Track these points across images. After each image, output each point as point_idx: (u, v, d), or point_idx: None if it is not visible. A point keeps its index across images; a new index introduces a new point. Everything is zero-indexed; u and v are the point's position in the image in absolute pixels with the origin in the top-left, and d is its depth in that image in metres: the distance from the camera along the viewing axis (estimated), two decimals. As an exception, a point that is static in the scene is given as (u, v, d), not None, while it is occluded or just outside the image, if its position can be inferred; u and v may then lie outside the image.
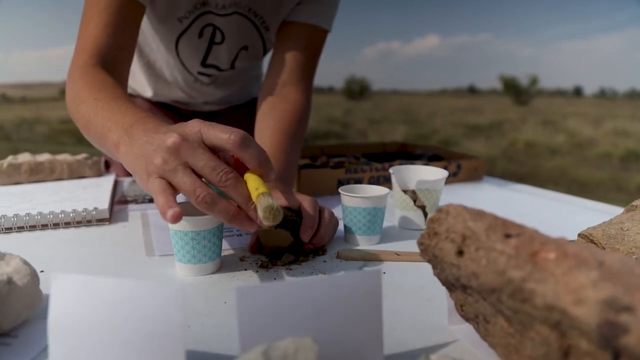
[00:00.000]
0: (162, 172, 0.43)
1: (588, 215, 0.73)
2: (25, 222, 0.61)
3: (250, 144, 0.44)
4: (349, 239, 0.60)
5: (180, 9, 0.80)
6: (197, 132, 0.44)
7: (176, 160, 0.43)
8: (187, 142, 0.43)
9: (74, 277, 0.30)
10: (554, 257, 0.26)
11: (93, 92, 0.59)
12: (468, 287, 0.33)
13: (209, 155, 0.43)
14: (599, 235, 0.48)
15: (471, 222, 0.30)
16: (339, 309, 0.31)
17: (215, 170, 0.43)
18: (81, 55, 0.66)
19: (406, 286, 0.48)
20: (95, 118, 0.55)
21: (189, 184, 0.42)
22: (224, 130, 0.43)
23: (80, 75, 0.64)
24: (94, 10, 0.68)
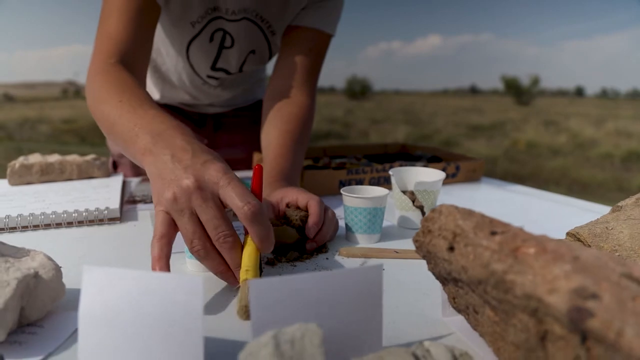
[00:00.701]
0: (170, 208, 0.44)
1: (583, 216, 0.76)
2: (40, 221, 0.64)
3: (259, 222, 0.43)
4: (350, 237, 0.63)
5: (194, 13, 0.83)
6: (215, 183, 0.44)
7: (185, 203, 0.43)
8: (201, 190, 0.43)
9: (103, 270, 0.33)
10: (533, 252, 0.29)
11: (117, 93, 0.59)
12: (459, 280, 0.35)
13: (216, 213, 0.43)
14: (585, 234, 0.50)
15: (461, 220, 0.33)
16: (342, 302, 0.33)
17: (216, 229, 0.43)
18: (101, 51, 0.67)
19: (404, 282, 0.51)
20: (121, 121, 0.55)
21: (190, 232, 0.43)
22: (241, 197, 0.43)
23: (101, 72, 0.64)
24: (113, 6, 0.68)
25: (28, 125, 10.58)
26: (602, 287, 0.26)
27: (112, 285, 0.32)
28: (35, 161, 0.83)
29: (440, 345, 0.32)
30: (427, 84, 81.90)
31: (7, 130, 9.92)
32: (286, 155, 0.75)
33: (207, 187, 0.43)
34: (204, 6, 0.83)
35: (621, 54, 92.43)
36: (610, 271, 0.28)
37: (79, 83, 22.36)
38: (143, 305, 0.32)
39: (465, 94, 27.03)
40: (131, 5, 0.68)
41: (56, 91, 23.11)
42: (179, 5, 0.81)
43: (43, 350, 0.36)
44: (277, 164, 0.72)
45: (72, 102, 17.34)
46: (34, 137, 9.01)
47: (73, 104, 16.18)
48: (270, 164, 0.73)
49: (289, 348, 0.27)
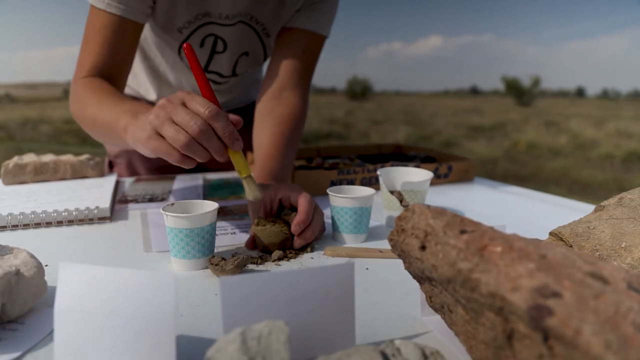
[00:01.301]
0: (154, 126, 0.53)
1: (573, 216, 0.76)
2: (30, 220, 0.64)
3: (220, 119, 0.52)
4: (336, 237, 0.63)
5: (179, 19, 0.84)
6: (181, 97, 0.53)
7: (163, 114, 0.52)
8: (171, 102, 0.53)
9: (79, 267, 0.33)
10: (499, 251, 0.29)
11: (96, 96, 0.68)
12: (432, 279, 0.36)
13: (187, 112, 0.51)
14: (567, 233, 0.51)
15: (432, 219, 0.34)
16: (312, 298, 0.34)
17: (190, 122, 0.51)
18: (81, 70, 0.75)
19: (387, 280, 0.51)
20: (102, 114, 0.64)
21: (172, 133, 0.51)
22: (202, 103, 0.52)
23: (82, 84, 0.73)
24: (92, 30, 0.75)
25: (29, 126, 10.59)
26: (564, 286, 0.26)
27: (87, 282, 0.33)
28: (29, 161, 0.83)
29: (411, 343, 0.32)
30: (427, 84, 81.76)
31: (8, 130, 9.92)
32: (277, 156, 0.75)
33: (175, 100, 0.53)
34: (192, 12, 0.83)
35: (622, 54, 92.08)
36: (575, 270, 0.28)
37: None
38: (116, 302, 0.32)
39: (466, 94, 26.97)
40: (108, 27, 0.74)
41: (57, 91, 23.15)
42: (163, 12, 0.82)
43: (22, 346, 0.37)
44: (267, 165, 0.73)
45: (74, 102, 17.33)
46: (34, 137, 9.02)
47: (74, 104, 16.17)
48: (260, 165, 0.73)
49: (255, 344, 0.28)
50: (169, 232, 0.52)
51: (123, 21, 0.75)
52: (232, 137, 0.53)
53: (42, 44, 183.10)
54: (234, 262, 0.49)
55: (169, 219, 0.51)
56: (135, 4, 0.75)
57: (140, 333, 0.32)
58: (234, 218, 0.71)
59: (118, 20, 0.74)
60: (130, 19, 0.75)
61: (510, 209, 0.81)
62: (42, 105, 15.59)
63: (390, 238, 0.37)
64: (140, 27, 0.79)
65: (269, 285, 0.33)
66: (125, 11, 0.74)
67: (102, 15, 0.74)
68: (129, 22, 0.76)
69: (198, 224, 0.51)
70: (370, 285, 0.50)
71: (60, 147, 7.49)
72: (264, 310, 0.33)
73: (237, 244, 0.61)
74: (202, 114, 0.51)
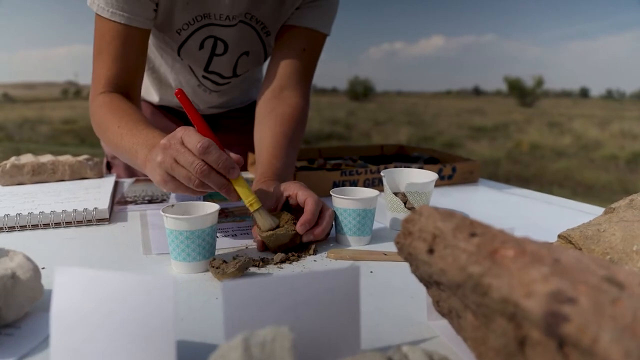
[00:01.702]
0: (165, 169, 0.55)
1: (580, 218, 0.74)
2: (27, 221, 0.63)
3: (210, 152, 0.52)
4: (340, 239, 0.62)
5: (178, 21, 0.83)
6: (179, 137, 0.54)
7: (169, 157, 0.54)
8: (171, 144, 0.54)
9: (75, 270, 0.32)
10: (511, 254, 0.28)
11: (115, 120, 0.71)
12: (440, 284, 0.35)
13: (187, 154, 0.53)
14: (577, 236, 0.50)
15: (440, 222, 0.32)
16: (317, 303, 0.33)
17: (191, 165, 0.52)
18: (98, 85, 0.77)
19: (392, 284, 0.50)
20: (122, 144, 0.68)
21: (183, 174, 0.54)
22: (195, 138, 0.53)
23: (100, 103, 0.75)
24: (103, 42, 0.76)
25: (28, 126, 10.58)
26: (580, 291, 0.25)
27: (83, 286, 0.32)
28: (26, 161, 0.82)
29: (418, 349, 0.31)
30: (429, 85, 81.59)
31: (7, 130, 9.91)
32: (279, 156, 0.74)
33: (175, 141, 0.54)
34: (191, 14, 0.82)
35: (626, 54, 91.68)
36: (590, 274, 0.27)
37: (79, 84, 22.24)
38: (114, 307, 0.31)
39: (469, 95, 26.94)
40: (118, 38, 0.75)
41: (56, 92, 23.18)
42: (162, 14, 0.81)
43: (17, 352, 0.36)
44: (270, 165, 0.72)
45: (72, 102, 17.35)
46: (33, 137, 9.01)
47: (73, 104, 16.18)
48: (263, 165, 0.73)
49: (258, 351, 0.27)
50: (168, 234, 0.51)
51: (130, 29, 0.75)
52: (227, 166, 0.54)
53: (41, 44, 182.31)
54: (235, 265, 0.48)
55: (169, 220, 0.50)
56: (140, 10, 0.75)
57: (138, 338, 0.31)
58: (234, 220, 0.70)
59: (125, 29, 0.75)
60: (136, 26, 0.76)
61: (516, 211, 0.80)
62: (41, 106, 15.57)
63: (397, 241, 0.36)
64: (147, 33, 0.79)
65: (272, 289, 0.32)
66: (130, 19, 0.75)
67: (108, 25, 0.75)
68: (135, 30, 0.76)
69: (198, 226, 0.50)
70: (375, 288, 0.49)
71: (59, 147, 7.48)
72: (267, 315, 0.32)
73: (238, 246, 0.60)
74: (195, 151, 0.52)
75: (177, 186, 0.55)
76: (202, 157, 0.52)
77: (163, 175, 0.55)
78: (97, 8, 0.75)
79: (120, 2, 0.73)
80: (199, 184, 0.54)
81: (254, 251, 0.58)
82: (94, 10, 0.75)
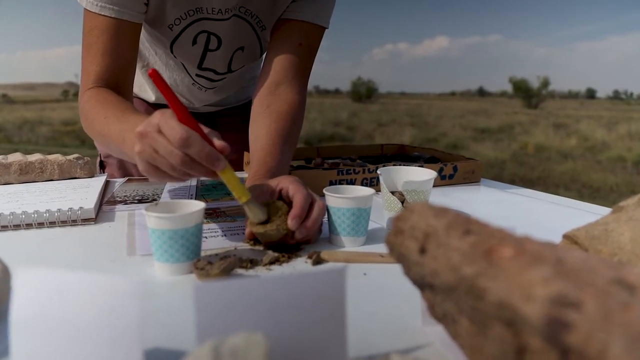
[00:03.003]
0: (145, 158, 0.51)
1: (585, 218, 0.71)
2: (9, 222, 0.61)
3: (191, 144, 0.48)
4: (333, 240, 0.59)
5: (170, 16, 0.81)
6: (155, 124, 0.50)
7: (147, 146, 0.50)
8: (148, 132, 0.50)
9: (36, 272, 0.30)
10: (509, 254, 0.26)
11: (102, 110, 0.68)
12: (433, 286, 0.32)
13: (165, 143, 0.49)
14: (583, 236, 0.47)
15: (433, 219, 0.30)
16: (299, 307, 0.30)
17: (170, 155, 0.49)
18: (87, 80, 0.74)
19: (386, 287, 0.47)
20: (109, 133, 0.65)
21: (165, 164, 0.50)
22: (173, 130, 0.48)
23: (88, 97, 0.72)
24: (92, 37, 0.73)
25: (27, 127, 10.59)
26: (586, 295, 0.22)
27: (45, 288, 0.29)
28: (14, 160, 0.80)
29: (409, 358, 0.29)
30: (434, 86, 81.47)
31: (6, 132, 9.93)
32: (274, 153, 0.72)
33: (151, 129, 0.50)
34: (183, 8, 0.80)
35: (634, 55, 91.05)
36: (598, 276, 0.24)
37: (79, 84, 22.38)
38: (79, 311, 0.29)
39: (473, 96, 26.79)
40: (108, 31, 0.73)
41: (56, 92, 23.28)
42: (154, 8, 0.79)
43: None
44: (263, 163, 0.70)
45: (72, 103, 17.42)
46: (33, 139, 9.02)
47: (73, 105, 16.23)
48: (257, 163, 0.70)
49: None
50: (151, 234, 0.48)
51: (120, 23, 0.73)
52: (210, 159, 0.49)
53: (40, 45, 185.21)
54: (220, 266, 0.46)
55: (151, 219, 0.48)
56: (130, 3, 0.73)
57: (103, 344, 0.29)
58: (225, 220, 0.68)
59: (115, 23, 0.72)
60: (127, 20, 0.73)
61: (519, 211, 0.77)
62: (41, 107, 15.61)
63: (388, 240, 0.34)
64: (138, 27, 0.77)
65: (250, 291, 0.29)
66: (120, 12, 0.72)
67: (98, 19, 0.73)
68: (126, 23, 0.74)
69: (182, 225, 0.47)
70: (368, 292, 0.46)
71: (59, 149, 7.48)
72: (243, 320, 0.29)
73: (227, 247, 0.57)
74: (174, 143, 0.48)
75: (160, 175, 0.52)
76: (183, 150, 0.48)
77: (145, 165, 0.52)
78: (86, 3, 0.73)
79: None
80: (184, 174, 0.51)
81: (244, 252, 0.56)
82: (83, 6, 0.73)
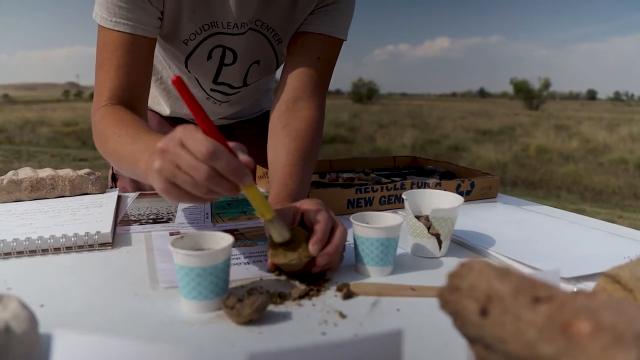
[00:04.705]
0: (166, 176, 0.47)
1: (612, 241, 0.70)
2: (25, 247, 0.59)
3: (219, 157, 0.45)
4: (360, 269, 0.58)
5: (185, 31, 0.79)
6: (179, 138, 0.47)
7: (168, 162, 0.46)
8: (169, 147, 0.46)
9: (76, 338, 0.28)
10: (588, 331, 0.24)
11: (116, 129, 0.65)
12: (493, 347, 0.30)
13: (188, 158, 0.45)
14: (627, 276, 0.45)
15: (496, 281, 0.28)
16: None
17: (195, 169, 0.45)
18: (100, 98, 0.72)
19: (422, 326, 0.45)
20: (123, 153, 0.62)
21: (187, 181, 0.46)
22: (199, 143, 0.45)
23: (101, 116, 0.70)
24: (106, 52, 0.71)
25: (28, 128, 10.55)
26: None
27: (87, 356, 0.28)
28: (25, 176, 0.78)
29: None
30: (434, 87, 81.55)
31: (7, 132, 9.89)
32: (293, 175, 0.70)
33: (173, 143, 0.47)
34: (198, 23, 0.78)
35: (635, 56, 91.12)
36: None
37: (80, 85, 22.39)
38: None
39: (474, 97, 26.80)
40: (122, 47, 0.71)
41: (57, 93, 23.29)
42: (169, 23, 0.77)
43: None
44: (284, 186, 0.68)
45: (74, 104, 17.36)
46: (34, 140, 8.98)
47: (74, 105, 16.18)
48: (278, 185, 0.69)
49: None
50: (178, 270, 0.46)
51: (134, 39, 0.71)
52: (238, 174, 0.46)
53: (42, 45, 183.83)
54: (251, 305, 0.44)
55: (179, 256, 0.46)
56: (145, 18, 0.71)
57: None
58: (245, 244, 0.66)
59: (129, 38, 0.70)
60: (142, 35, 0.71)
61: (542, 233, 0.75)
62: (42, 107, 15.56)
63: (441, 295, 0.32)
64: (153, 42, 0.75)
65: (300, 359, 0.27)
66: (135, 28, 0.70)
67: (112, 35, 0.70)
68: (141, 38, 0.72)
69: (211, 262, 0.46)
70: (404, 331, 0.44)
71: (60, 149, 7.45)
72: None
73: (251, 277, 0.55)
74: (200, 156, 0.45)
75: (180, 195, 0.48)
76: (210, 163, 0.45)
77: (164, 184, 0.47)
78: (100, 19, 0.71)
79: (124, 11, 0.69)
80: (207, 191, 0.46)
81: (269, 282, 0.54)
82: (97, 22, 0.71)
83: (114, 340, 0.28)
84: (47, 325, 0.41)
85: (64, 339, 0.28)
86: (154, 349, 0.28)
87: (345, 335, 0.44)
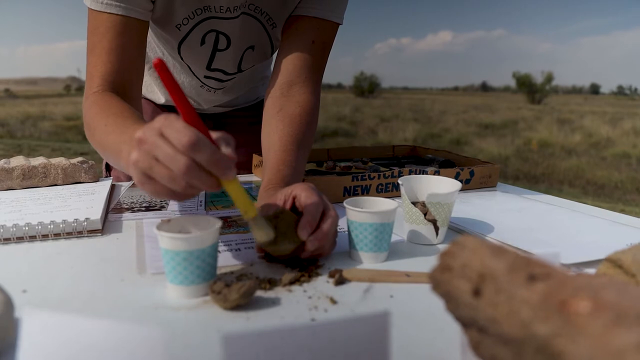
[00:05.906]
0: (141, 169, 0.44)
1: (614, 229, 0.68)
2: (12, 234, 0.58)
3: (200, 148, 0.41)
4: (353, 255, 0.56)
5: (177, 16, 0.77)
6: (158, 128, 0.43)
7: (145, 153, 0.43)
8: (148, 137, 0.43)
9: (46, 316, 0.27)
10: (587, 309, 0.22)
11: (103, 118, 0.63)
12: (486, 330, 0.29)
13: (168, 145, 0.42)
14: (629, 260, 0.43)
15: (490, 259, 0.26)
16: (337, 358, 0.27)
17: (173, 159, 0.42)
18: (91, 83, 0.70)
19: (416, 313, 0.44)
20: (108, 143, 0.60)
21: (164, 174, 0.43)
22: (179, 133, 0.42)
23: (91, 103, 0.68)
24: (96, 35, 0.69)
25: (30, 122, 10.55)
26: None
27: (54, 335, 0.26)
28: (16, 164, 0.77)
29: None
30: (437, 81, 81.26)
31: (9, 127, 9.89)
32: (287, 161, 0.68)
33: (152, 132, 0.43)
34: (191, 7, 0.76)
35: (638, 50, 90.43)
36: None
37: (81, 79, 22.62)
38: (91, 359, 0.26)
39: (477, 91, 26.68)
40: (113, 29, 0.68)
41: (59, 87, 23.29)
42: (161, 8, 0.75)
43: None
44: (277, 171, 0.67)
45: (75, 98, 17.34)
46: (35, 134, 8.98)
47: (75, 100, 16.16)
48: (271, 170, 0.67)
49: None
50: (164, 255, 0.45)
51: (126, 20, 0.69)
52: (220, 166, 0.42)
53: (43, 40, 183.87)
54: (239, 290, 0.42)
55: (164, 239, 0.44)
56: (136, 0, 0.69)
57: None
58: (238, 231, 0.64)
59: (120, 20, 0.68)
60: (133, 17, 0.69)
61: (543, 221, 0.73)
62: (43, 101, 15.55)
63: (432, 276, 0.30)
64: (145, 25, 0.73)
65: (284, 342, 0.26)
66: (127, 9, 0.68)
67: (102, 17, 0.68)
68: (132, 20, 0.69)
69: (197, 246, 0.44)
70: (397, 318, 0.43)
71: (61, 144, 7.44)
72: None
73: (241, 263, 0.54)
74: (180, 147, 0.41)
75: (156, 189, 0.44)
76: (189, 154, 0.41)
77: (140, 177, 0.44)
78: (90, 2, 0.69)
79: None
80: (186, 186, 0.43)
81: (260, 268, 0.53)
82: (87, 5, 0.70)
83: (97, 324, 0.27)
84: (29, 309, 0.39)
85: (42, 322, 0.27)
86: (137, 333, 0.27)
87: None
